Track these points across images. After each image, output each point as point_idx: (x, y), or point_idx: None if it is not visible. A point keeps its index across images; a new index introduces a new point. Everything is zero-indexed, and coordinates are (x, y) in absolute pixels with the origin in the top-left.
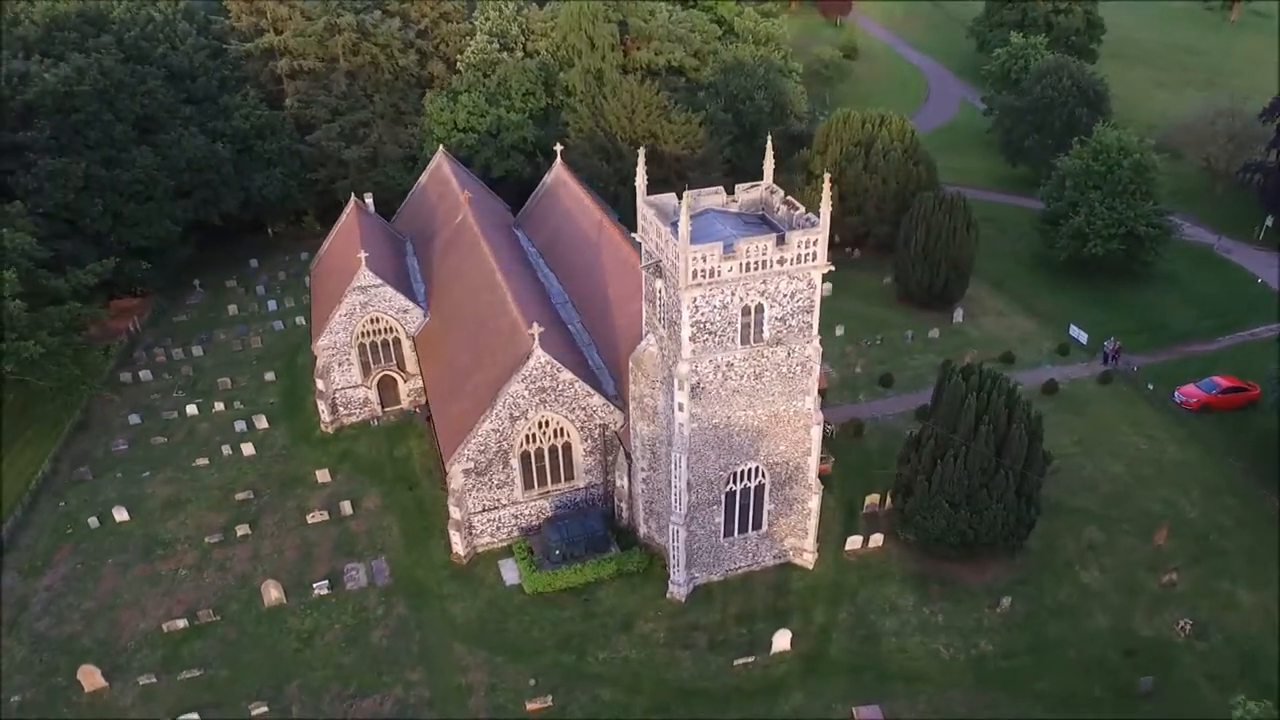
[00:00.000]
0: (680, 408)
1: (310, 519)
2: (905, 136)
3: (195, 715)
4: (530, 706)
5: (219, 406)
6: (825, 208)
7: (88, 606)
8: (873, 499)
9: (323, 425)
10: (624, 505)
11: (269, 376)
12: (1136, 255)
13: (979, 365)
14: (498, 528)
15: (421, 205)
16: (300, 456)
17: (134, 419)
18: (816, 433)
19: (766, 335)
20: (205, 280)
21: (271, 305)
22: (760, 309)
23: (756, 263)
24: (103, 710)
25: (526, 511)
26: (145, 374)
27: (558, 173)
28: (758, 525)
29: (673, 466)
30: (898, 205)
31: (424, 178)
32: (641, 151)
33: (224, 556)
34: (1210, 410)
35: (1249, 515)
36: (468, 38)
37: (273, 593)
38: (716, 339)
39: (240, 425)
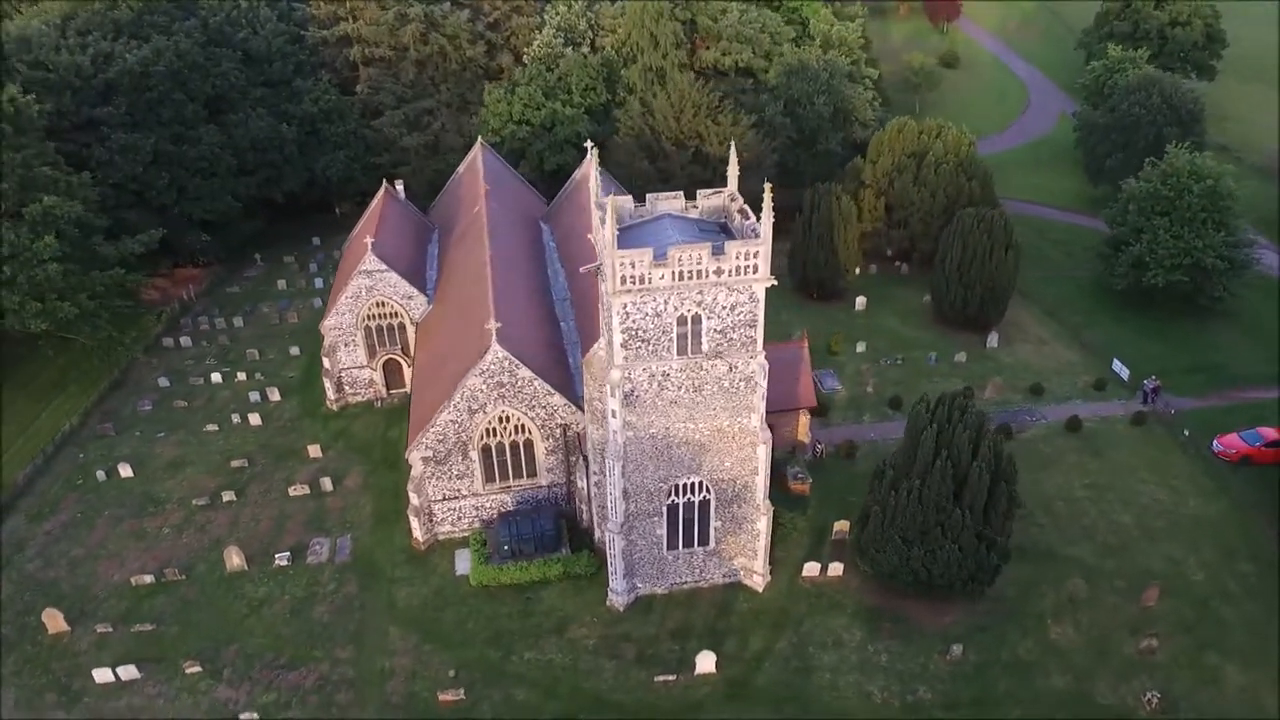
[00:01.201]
0: (613, 414)
1: (292, 491)
2: (960, 149)
3: (134, 666)
4: (443, 698)
5: (241, 376)
6: (766, 218)
7: (75, 554)
8: (842, 526)
9: (328, 403)
10: (584, 507)
11: (294, 351)
12: (1203, 288)
13: (955, 396)
14: (458, 517)
15: (453, 195)
16: (301, 430)
17: (163, 382)
18: (763, 452)
19: (705, 348)
20: (267, 254)
21: (318, 283)
22: (698, 320)
23: (691, 272)
24: (59, 652)
25: (488, 504)
26: (186, 340)
27: (584, 168)
28: (704, 541)
29: (606, 474)
30: (945, 220)
31: (461, 168)
32: (593, 151)
33: (205, 520)
34: (1250, 464)
35: (1262, 585)
36: (537, 31)
37: (234, 559)
38: (650, 347)
39: (255, 396)
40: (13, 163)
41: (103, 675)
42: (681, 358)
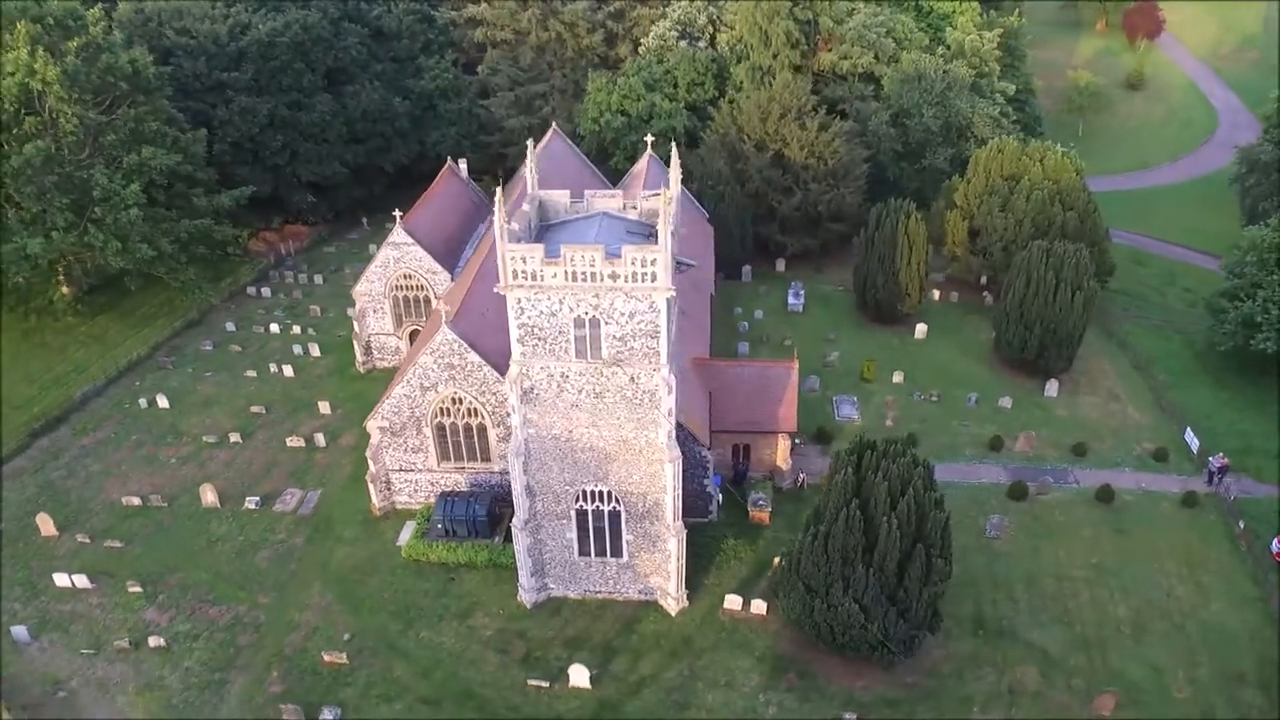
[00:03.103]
0: (513, 410)
1: (289, 442)
2: (1062, 176)
3: (86, 576)
4: (327, 658)
5: (295, 330)
6: (664, 226)
7: (94, 469)
8: (778, 562)
9: (357, 364)
10: None
11: (351, 312)
12: None
13: (892, 443)
14: (415, 490)
15: (520, 178)
16: (322, 387)
17: (230, 326)
18: (670, 470)
19: (605, 354)
20: (374, 220)
21: None
22: (596, 324)
23: (585, 273)
24: (41, 553)
25: (442, 482)
26: (266, 291)
27: (641, 163)
28: (617, 554)
29: (510, 468)
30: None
31: (537, 150)
32: (530, 144)
33: (208, 456)
34: None
35: None
36: (655, 23)
37: (209, 496)
38: (547, 346)
39: (298, 349)
40: (125, 116)
41: (61, 580)
42: (581, 361)
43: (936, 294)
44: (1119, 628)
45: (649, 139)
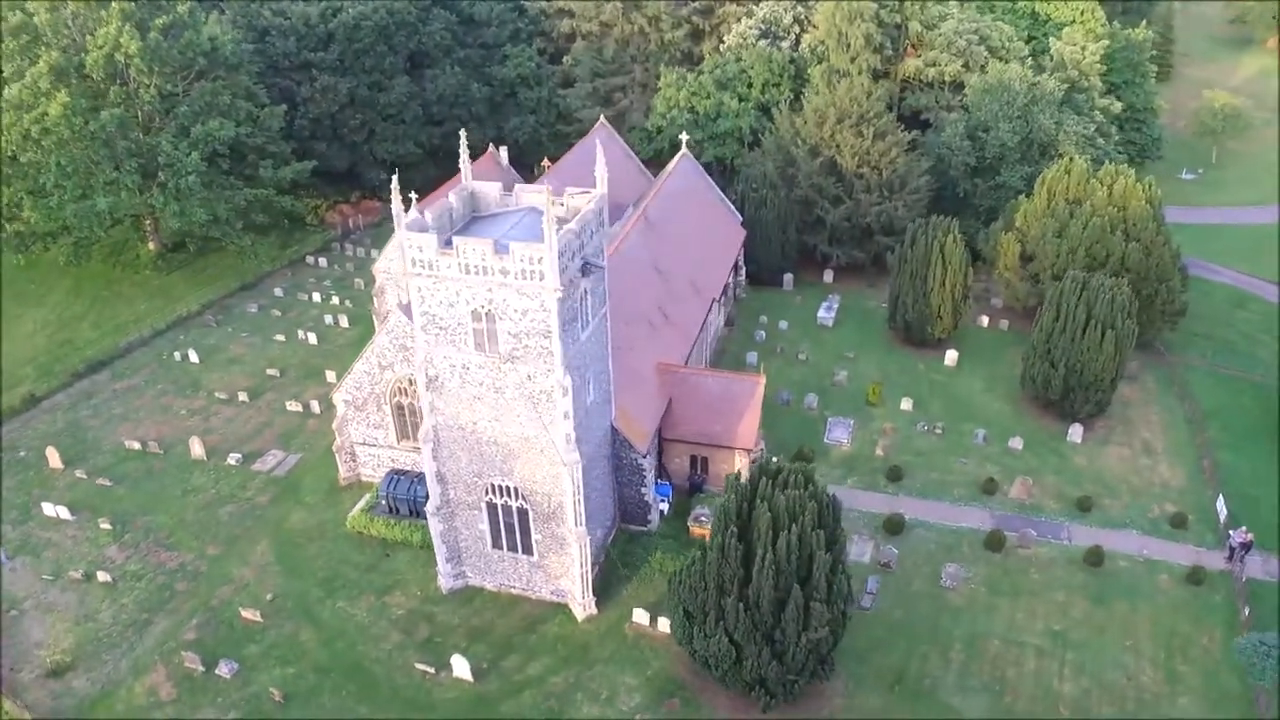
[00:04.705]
0: (421, 395)
1: (288, 405)
2: (1130, 203)
3: (66, 509)
4: (244, 614)
5: (335, 300)
6: (549, 227)
7: (116, 411)
8: None
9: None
10: None
11: (374, 288)
12: None
13: (780, 470)
14: (378, 464)
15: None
16: (339, 356)
17: (278, 292)
18: (567, 474)
19: (502, 349)
20: None
21: None
22: (493, 318)
23: (476, 266)
24: (44, 483)
25: (403, 459)
26: (324, 261)
27: (673, 163)
28: (528, 551)
29: (422, 453)
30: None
31: (589, 137)
32: (463, 134)
33: (213, 411)
34: None
35: None
36: (737, 21)
37: (196, 448)
38: (448, 336)
39: (328, 319)
40: (202, 90)
41: (49, 510)
42: (480, 354)
43: (986, 320)
44: (1057, 707)
45: (683, 138)
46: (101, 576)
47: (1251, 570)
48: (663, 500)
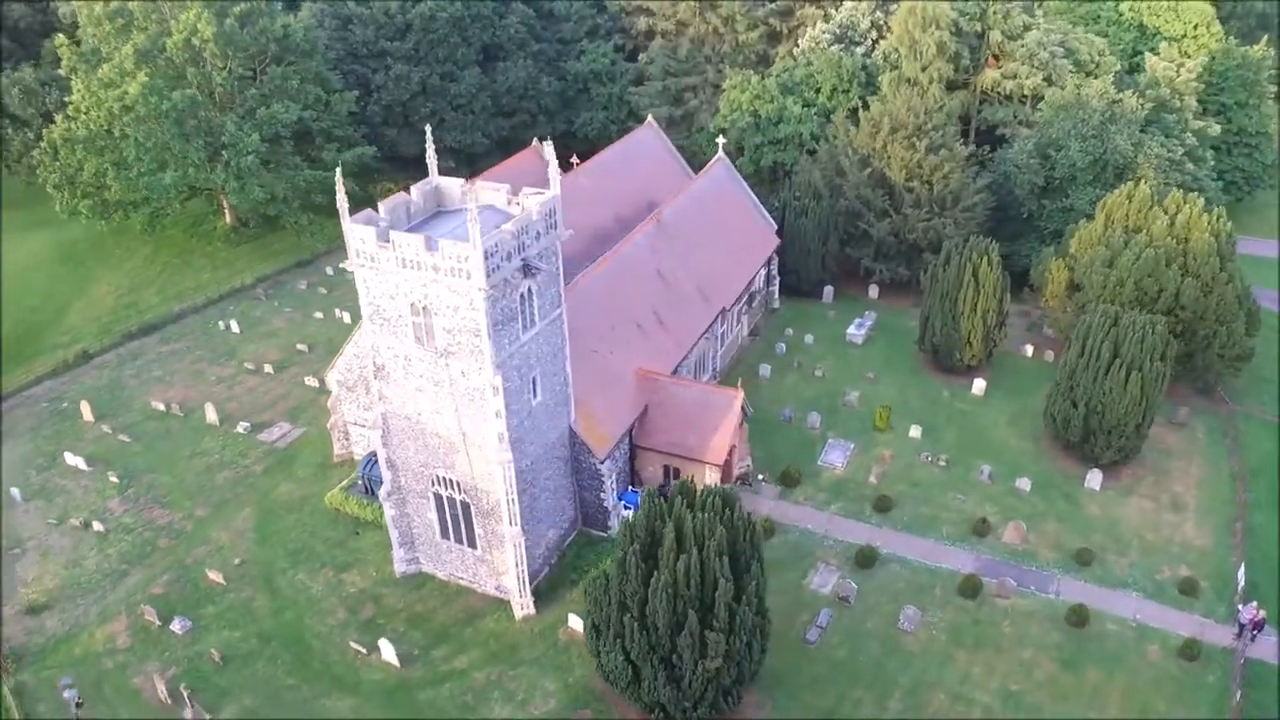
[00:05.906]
0: (370, 382)
1: (306, 380)
2: (1192, 235)
3: (84, 459)
4: (210, 575)
5: None
6: (473, 228)
7: (155, 374)
8: None
9: None
10: None
11: None
12: None
13: (704, 491)
14: (369, 444)
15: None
16: None
17: (329, 271)
18: (501, 472)
19: (439, 344)
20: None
21: None
22: (429, 312)
23: (411, 261)
24: (74, 433)
25: None
26: None
27: (709, 165)
28: (473, 545)
29: (374, 438)
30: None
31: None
32: (429, 130)
33: (238, 380)
34: None
35: None
36: (817, 24)
37: (210, 414)
38: (392, 327)
39: None
40: (273, 74)
41: (70, 459)
42: (419, 347)
43: (1030, 349)
44: None
45: (720, 141)
46: (97, 526)
47: (1263, 651)
48: (628, 507)
